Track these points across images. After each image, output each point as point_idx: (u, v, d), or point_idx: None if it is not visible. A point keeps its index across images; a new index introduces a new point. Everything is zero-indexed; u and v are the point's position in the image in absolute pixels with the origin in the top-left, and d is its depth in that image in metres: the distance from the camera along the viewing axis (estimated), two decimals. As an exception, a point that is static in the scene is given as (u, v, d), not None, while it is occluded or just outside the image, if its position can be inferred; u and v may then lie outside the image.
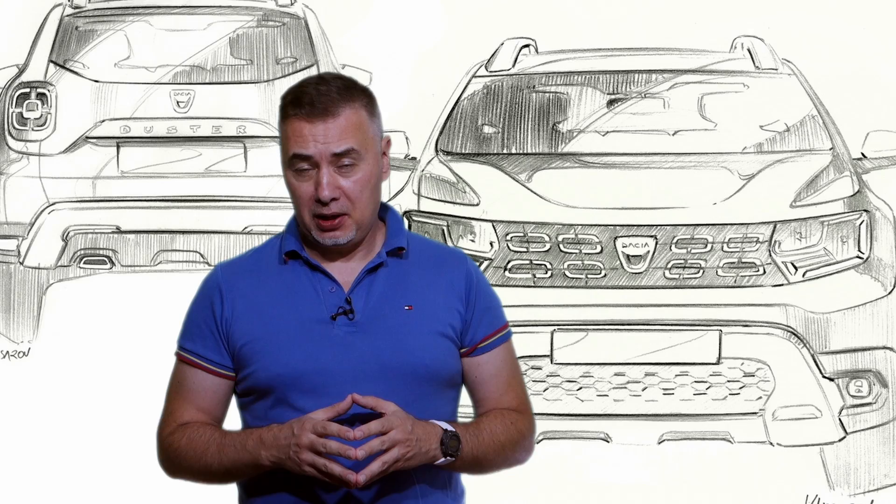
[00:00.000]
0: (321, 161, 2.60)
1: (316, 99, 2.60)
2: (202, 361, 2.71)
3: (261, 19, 5.80)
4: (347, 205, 2.62)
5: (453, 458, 2.60)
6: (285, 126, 2.63)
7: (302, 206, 2.64)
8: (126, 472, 5.29)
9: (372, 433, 2.50)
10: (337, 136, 2.59)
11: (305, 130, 2.59)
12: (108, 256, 5.65)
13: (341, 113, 2.60)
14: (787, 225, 5.31)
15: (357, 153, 2.61)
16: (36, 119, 5.68)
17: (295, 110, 2.61)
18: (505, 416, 2.73)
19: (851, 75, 5.58)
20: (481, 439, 2.65)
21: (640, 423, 5.30)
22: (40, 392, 5.54)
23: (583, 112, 5.60)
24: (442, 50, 5.69)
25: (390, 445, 2.51)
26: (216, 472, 2.65)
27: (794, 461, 5.29)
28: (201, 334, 2.70)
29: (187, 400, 2.71)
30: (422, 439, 2.55)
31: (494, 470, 2.73)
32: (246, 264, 2.75)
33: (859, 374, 5.32)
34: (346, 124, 2.60)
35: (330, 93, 2.61)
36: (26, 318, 5.64)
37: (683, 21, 5.66)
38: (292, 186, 2.65)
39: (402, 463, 2.53)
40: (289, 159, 2.63)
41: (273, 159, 5.57)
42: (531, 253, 5.34)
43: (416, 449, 2.54)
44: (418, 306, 2.68)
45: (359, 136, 2.62)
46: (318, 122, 2.59)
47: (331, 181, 2.60)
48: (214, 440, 2.65)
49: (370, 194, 2.65)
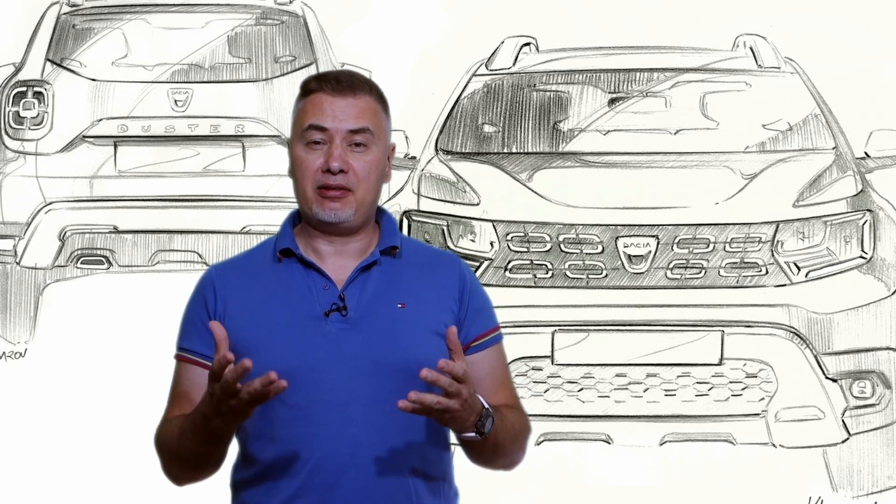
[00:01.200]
0: (335, 135, 2.67)
1: (341, 78, 2.70)
2: (197, 357, 2.72)
3: (259, 17, 5.80)
4: (354, 180, 2.67)
5: (479, 437, 2.59)
6: (304, 101, 2.71)
7: (306, 177, 2.68)
8: (123, 474, 5.29)
9: (454, 372, 2.49)
10: (355, 114, 2.67)
11: (325, 104, 2.67)
12: (105, 256, 5.64)
13: (361, 96, 2.69)
14: (790, 225, 5.31)
15: (371, 135, 2.68)
16: (33, 118, 5.68)
17: (318, 85, 2.70)
18: (513, 410, 2.76)
19: (855, 74, 5.57)
20: (505, 424, 2.67)
21: (642, 425, 5.30)
22: (37, 393, 5.53)
23: (584, 111, 5.60)
24: (442, 48, 5.70)
25: (455, 392, 2.49)
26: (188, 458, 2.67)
27: (796, 463, 5.29)
28: (196, 331, 2.72)
29: (183, 398, 2.72)
30: (470, 407, 2.55)
31: (500, 461, 2.74)
32: (239, 263, 2.79)
33: (862, 375, 5.31)
34: (364, 106, 2.69)
35: (353, 77, 2.72)
36: (23, 318, 5.64)
37: (685, 19, 5.66)
38: (299, 159, 2.69)
39: (447, 417, 2.51)
40: (302, 131, 2.69)
41: (272, 158, 5.59)
42: (532, 253, 5.34)
43: (464, 413, 2.53)
44: (411, 304, 2.70)
45: (374, 121, 2.69)
46: (338, 98, 2.68)
47: (342, 154, 2.66)
48: (177, 424, 2.66)
49: (375, 181, 2.71)
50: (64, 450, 5.47)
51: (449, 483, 2.76)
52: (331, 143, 2.67)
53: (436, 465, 2.71)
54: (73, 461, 5.45)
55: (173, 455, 2.69)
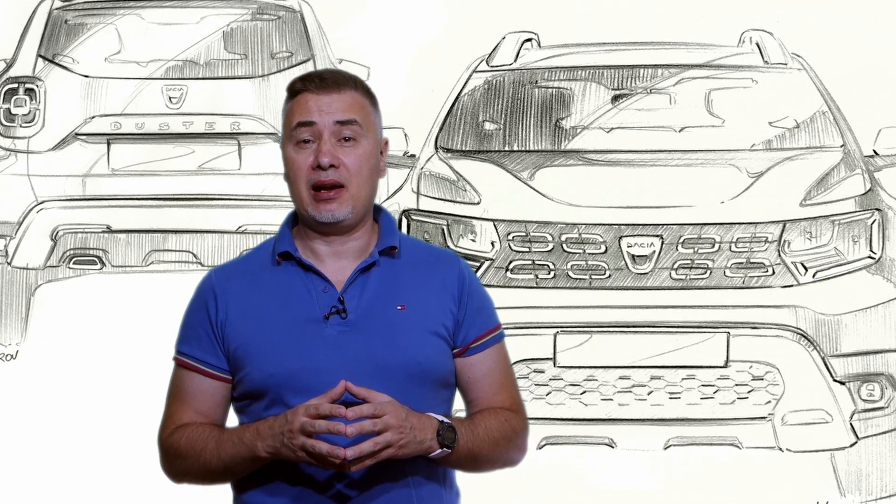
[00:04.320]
0: (323, 131, 2.70)
1: (325, 75, 2.76)
2: (199, 364, 2.75)
3: (255, 12, 5.82)
4: (346, 175, 2.70)
5: (449, 450, 2.64)
6: (291, 103, 2.75)
7: (299, 178, 2.71)
8: (117, 476, 5.29)
9: (364, 415, 2.55)
10: (341, 107, 2.71)
11: (311, 102, 2.72)
12: (98, 257, 5.64)
13: (346, 91, 2.73)
14: (797, 224, 5.30)
15: (359, 127, 2.72)
16: (24, 115, 5.69)
17: (303, 85, 2.74)
18: (498, 413, 2.77)
19: (863, 70, 5.58)
20: (477, 433, 2.70)
21: (646, 428, 5.29)
22: (28, 396, 5.53)
23: (587, 108, 5.60)
24: (442, 44, 5.71)
25: (382, 428, 2.55)
26: (215, 470, 2.70)
27: (804, 467, 5.28)
28: (197, 337, 2.75)
29: (186, 403, 2.76)
30: (416, 427, 2.60)
31: (488, 467, 2.77)
32: (239, 267, 2.81)
33: (871, 377, 5.30)
34: (350, 100, 2.73)
35: (337, 73, 2.78)
36: (14, 320, 5.63)
37: (690, 14, 5.67)
38: (291, 160, 2.73)
39: (395, 450, 2.57)
40: (291, 130, 2.73)
41: (268, 156, 5.61)
42: (533, 253, 5.33)
43: (410, 437, 2.58)
44: (411, 306, 2.72)
45: (361, 114, 2.73)
46: (323, 95, 2.72)
47: (331, 149, 2.70)
48: (213, 437, 2.70)
49: (367, 175, 2.74)
50: (56, 454, 5.46)
51: (450, 484, 2.78)
52: (319, 139, 2.70)
53: (436, 466, 2.72)
54: (66, 465, 5.43)
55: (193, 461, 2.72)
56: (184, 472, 2.75)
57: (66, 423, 5.47)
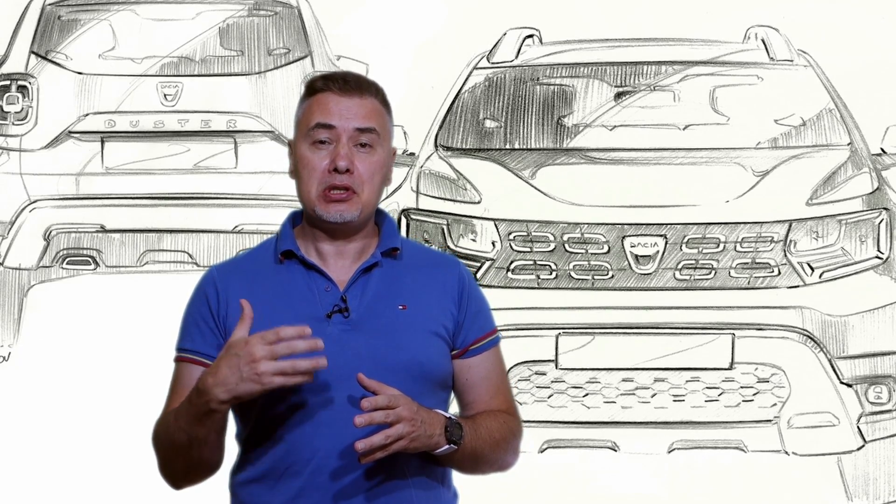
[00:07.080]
0: (342, 134, 2.73)
1: (348, 78, 2.77)
2: (198, 357, 2.75)
3: (252, 8, 5.82)
4: (358, 181, 2.73)
5: (456, 447, 2.67)
6: (310, 101, 2.77)
7: (312, 178, 2.74)
8: (111, 477, 5.29)
9: (378, 406, 2.56)
10: (363, 114, 2.73)
11: (332, 103, 2.74)
12: (92, 257, 5.64)
13: (368, 97, 2.75)
14: (803, 224, 5.30)
15: (377, 135, 2.75)
16: (16, 113, 5.69)
17: (325, 84, 2.76)
18: (497, 415, 2.82)
19: (870, 67, 5.58)
20: (479, 433, 2.74)
21: (649, 432, 5.29)
22: (21, 398, 5.52)
23: (589, 105, 5.60)
24: (442, 40, 5.72)
25: (395, 420, 2.57)
26: (182, 444, 2.67)
27: (810, 471, 5.27)
28: (199, 330, 2.77)
29: (182, 397, 2.72)
30: (426, 422, 2.62)
31: (486, 468, 2.81)
32: (240, 265, 2.84)
33: (878, 379, 5.30)
34: (371, 107, 2.75)
35: (360, 78, 2.79)
36: (7, 321, 5.63)
37: (695, 10, 5.68)
38: (305, 158, 2.75)
39: (407, 442, 2.59)
40: (308, 129, 2.74)
41: (265, 154, 5.60)
42: (535, 253, 5.33)
43: (421, 430, 2.61)
44: (412, 306, 2.76)
45: (380, 122, 2.76)
46: (345, 98, 2.74)
47: (348, 153, 2.72)
48: (173, 412, 2.70)
49: (378, 183, 2.77)
50: (49, 455, 5.45)
51: (448, 485, 2.81)
52: (337, 142, 2.73)
53: (435, 467, 2.75)
54: (59, 466, 5.43)
55: (168, 445, 2.70)
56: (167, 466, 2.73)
57: (60, 425, 5.46)
